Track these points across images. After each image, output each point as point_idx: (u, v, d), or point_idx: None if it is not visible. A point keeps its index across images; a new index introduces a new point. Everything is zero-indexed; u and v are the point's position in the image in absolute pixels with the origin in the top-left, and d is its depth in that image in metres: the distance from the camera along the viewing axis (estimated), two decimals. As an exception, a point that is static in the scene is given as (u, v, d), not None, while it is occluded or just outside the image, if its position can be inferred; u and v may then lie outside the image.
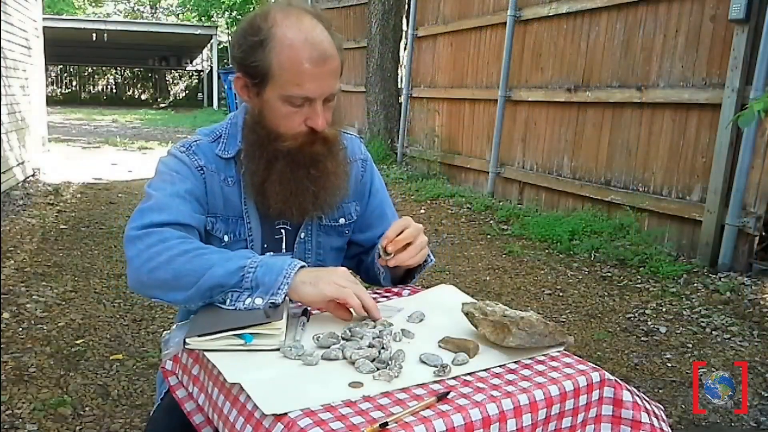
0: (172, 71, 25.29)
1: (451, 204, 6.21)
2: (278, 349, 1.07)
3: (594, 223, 4.80)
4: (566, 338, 1.14)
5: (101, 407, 2.36)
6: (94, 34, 17.69)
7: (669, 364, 2.86)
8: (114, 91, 25.37)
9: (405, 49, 8.37)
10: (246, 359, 1.05)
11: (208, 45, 20.28)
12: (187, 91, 25.44)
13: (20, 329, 2.98)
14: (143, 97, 25.25)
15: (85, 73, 25.19)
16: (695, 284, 3.76)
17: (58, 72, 23.96)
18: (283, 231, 1.40)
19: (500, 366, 1.06)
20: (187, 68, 24.61)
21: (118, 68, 24.97)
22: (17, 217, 5.10)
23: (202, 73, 22.99)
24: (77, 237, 4.69)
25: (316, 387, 0.96)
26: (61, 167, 7.70)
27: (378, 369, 1.01)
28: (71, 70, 24.62)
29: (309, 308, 1.25)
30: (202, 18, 22.32)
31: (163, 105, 23.51)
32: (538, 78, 5.78)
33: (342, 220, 1.45)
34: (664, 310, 3.47)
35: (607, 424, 1.07)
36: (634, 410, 1.07)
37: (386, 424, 0.86)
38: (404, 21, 8.58)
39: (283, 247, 1.40)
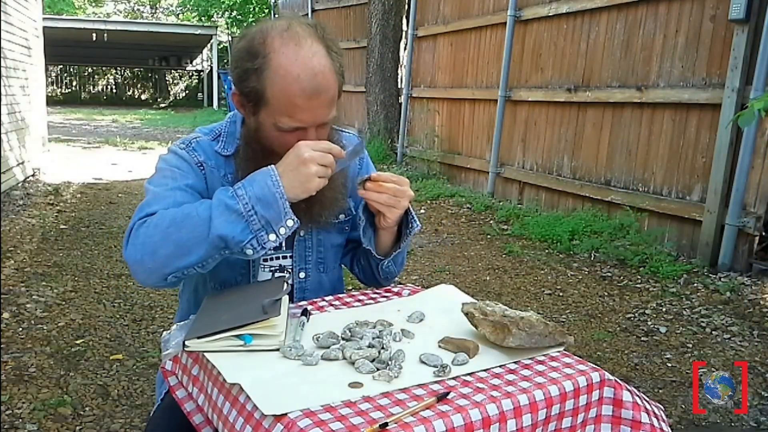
0: (172, 71, 25.29)
1: (451, 204, 6.21)
2: (278, 350, 1.07)
3: (594, 223, 4.80)
4: (566, 338, 1.14)
5: (101, 407, 2.36)
6: (94, 34, 17.69)
7: (669, 364, 2.86)
8: (114, 91, 25.36)
9: (405, 49, 8.37)
10: (246, 359, 1.05)
11: (208, 45, 20.28)
12: (187, 91, 25.43)
13: (20, 329, 2.98)
14: (143, 97, 25.24)
15: (85, 73, 25.18)
16: (695, 284, 3.76)
17: (58, 72, 23.95)
18: None
19: (500, 366, 1.06)
20: (187, 68, 24.61)
21: (118, 68, 24.96)
22: (17, 217, 5.10)
23: (202, 73, 22.99)
24: (77, 237, 4.69)
25: (316, 387, 0.96)
26: (61, 167, 7.70)
27: (378, 369, 1.01)
28: (71, 70, 24.61)
29: (309, 308, 1.25)
30: (202, 18, 22.34)
31: (163, 105, 23.51)
32: (538, 78, 5.77)
33: (342, 216, 1.45)
34: (664, 310, 3.47)
35: (607, 425, 1.07)
36: (634, 410, 1.07)
37: (386, 424, 0.86)
38: (404, 21, 8.58)
39: (283, 245, 1.40)
